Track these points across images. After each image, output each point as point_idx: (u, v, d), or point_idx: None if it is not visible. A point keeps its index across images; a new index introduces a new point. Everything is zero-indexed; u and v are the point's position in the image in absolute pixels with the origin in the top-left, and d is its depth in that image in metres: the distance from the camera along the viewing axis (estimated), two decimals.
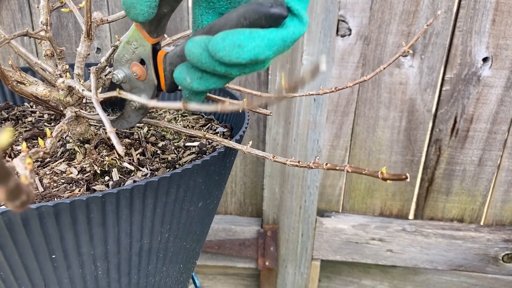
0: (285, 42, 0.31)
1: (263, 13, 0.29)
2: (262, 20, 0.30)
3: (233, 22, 0.31)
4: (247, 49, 0.30)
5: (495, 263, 1.04)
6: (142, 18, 0.34)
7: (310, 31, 0.86)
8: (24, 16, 0.91)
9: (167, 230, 0.41)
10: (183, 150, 0.50)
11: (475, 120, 0.93)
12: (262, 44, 0.30)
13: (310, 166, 0.37)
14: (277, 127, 0.95)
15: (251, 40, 0.30)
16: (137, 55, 0.39)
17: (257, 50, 0.30)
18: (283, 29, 0.31)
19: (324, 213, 1.06)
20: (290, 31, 0.31)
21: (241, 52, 0.30)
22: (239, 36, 0.30)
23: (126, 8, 0.34)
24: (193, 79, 0.34)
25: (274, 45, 0.31)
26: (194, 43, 0.32)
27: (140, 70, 0.39)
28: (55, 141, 0.35)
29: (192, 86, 0.35)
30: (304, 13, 0.32)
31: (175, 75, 0.35)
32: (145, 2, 0.33)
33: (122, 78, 0.40)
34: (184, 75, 0.35)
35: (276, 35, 0.31)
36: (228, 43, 0.30)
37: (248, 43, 0.30)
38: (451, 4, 0.84)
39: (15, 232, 0.32)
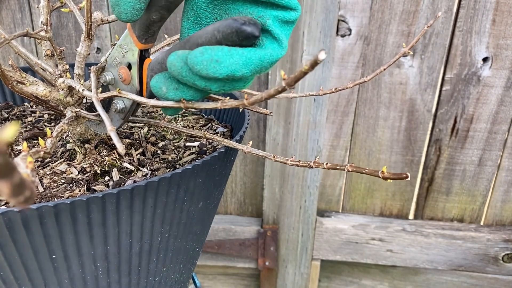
0: (262, 62, 0.32)
1: (235, 28, 0.30)
2: (233, 35, 0.30)
3: (208, 35, 0.32)
4: (224, 65, 0.31)
5: (495, 263, 1.04)
6: (124, 17, 0.35)
7: (310, 31, 0.86)
8: (24, 16, 0.91)
9: (167, 230, 0.41)
10: (183, 150, 0.50)
11: (475, 120, 0.93)
12: (239, 62, 0.31)
13: (310, 165, 0.37)
14: (277, 127, 0.95)
15: (229, 56, 0.31)
16: (126, 59, 0.39)
17: (234, 67, 0.31)
18: (262, 50, 0.32)
19: (324, 213, 1.06)
20: (268, 52, 0.32)
21: (218, 67, 0.31)
22: (217, 52, 0.31)
23: (112, 5, 0.35)
24: (169, 89, 0.35)
25: (251, 63, 0.32)
26: (176, 56, 0.33)
27: (125, 73, 0.39)
28: (55, 141, 0.35)
29: (168, 96, 0.35)
30: (284, 39, 0.33)
31: (151, 83, 0.35)
32: (129, 2, 0.34)
33: (110, 80, 0.41)
34: (161, 84, 0.35)
35: (254, 55, 0.32)
36: (206, 58, 0.31)
37: (225, 59, 0.31)
38: (451, 4, 0.84)
39: (15, 232, 0.32)
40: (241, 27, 0.30)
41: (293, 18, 0.34)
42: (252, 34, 0.30)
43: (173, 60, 0.33)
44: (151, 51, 0.51)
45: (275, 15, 0.33)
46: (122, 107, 0.41)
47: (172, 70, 0.33)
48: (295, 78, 0.23)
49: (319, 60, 0.21)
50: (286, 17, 0.34)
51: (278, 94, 0.26)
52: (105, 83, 0.42)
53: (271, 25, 0.33)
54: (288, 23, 0.35)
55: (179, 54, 0.33)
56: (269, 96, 0.27)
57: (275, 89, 0.26)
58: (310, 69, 0.22)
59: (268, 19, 0.33)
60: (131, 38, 0.38)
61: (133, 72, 0.39)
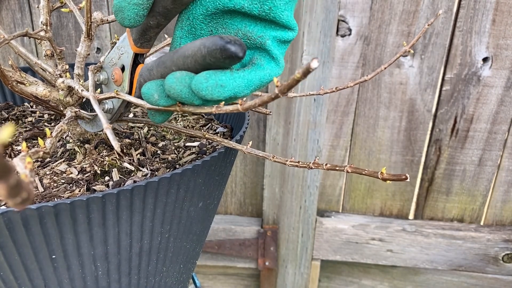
0: (261, 82, 0.34)
1: (219, 45, 0.31)
2: (217, 53, 0.31)
3: (194, 48, 0.32)
4: (228, 88, 0.32)
5: (495, 263, 1.04)
6: (128, 23, 0.35)
7: (310, 31, 0.86)
8: (24, 16, 0.91)
9: (167, 230, 0.41)
10: (183, 150, 0.50)
11: (475, 120, 0.93)
12: (242, 84, 0.33)
13: (310, 166, 0.37)
14: (277, 127, 0.95)
15: (232, 80, 0.32)
16: (121, 61, 0.40)
17: (237, 90, 0.33)
18: (261, 70, 0.34)
19: (324, 213, 1.06)
20: (267, 72, 0.34)
21: (222, 91, 0.32)
22: (221, 77, 0.32)
23: (115, 10, 0.35)
24: (161, 96, 0.35)
25: (252, 85, 0.33)
26: (175, 79, 0.33)
27: (118, 75, 0.40)
28: (55, 141, 0.35)
29: (159, 103, 0.35)
30: (281, 58, 0.35)
31: (143, 90, 0.36)
32: (133, 9, 0.34)
33: (103, 80, 0.42)
34: (153, 91, 0.35)
35: (255, 76, 0.34)
36: (211, 83, 0.32)
37: (229, 83, 0.32)
38: (451, 4, 0.84)
39: (15, 232, 0.32)
40: (226, 45, 0.30)
41: (291, 38, 0.35)
42: (235, 54, 0.31)
43: (172, 84, 0.33)
44: (151, 50, 0.51)
45: (274, 36, 0.34)
46: (110, 107, 0.42)
47: (172, 93, 0.34)
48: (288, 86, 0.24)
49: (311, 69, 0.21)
50: (284, 37, 0.35)
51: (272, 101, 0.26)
52: (98, 82, 0.42)
53: (270, 46, 0.34)
54: (285, 43, 0.36)
55: (177, 76, 0.33)
56: (262, 103, 0.27)
57: (268, 96, 0.27)
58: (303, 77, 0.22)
59: (268, 39, 0.34)
60: (128, 40, 0.39)
61: (125, 74, 0.40)
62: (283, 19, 0.34)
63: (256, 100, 0.28)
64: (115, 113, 0.42)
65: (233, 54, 0.31)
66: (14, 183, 0.15)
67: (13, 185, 0.15)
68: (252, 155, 0.40)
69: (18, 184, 0.15)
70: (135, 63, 0.39)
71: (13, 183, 0.15)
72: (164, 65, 0.35)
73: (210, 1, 0.35)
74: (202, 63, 0.32)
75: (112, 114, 0.42)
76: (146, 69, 0.38)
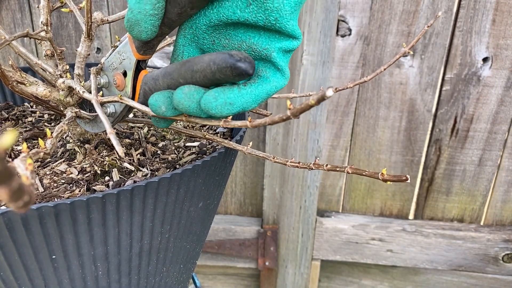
0: (268, 95, 0.34)
1: (230, 64, 0.31)
2: (228, 70, 0.31)
3: (203, 64, 0.33)
4: (237, 105, 0.33)
5: (495, 263, 1.04)
6: (145, 35, 0.35)
7: (310, 31, 0.86)
8: (24, 16, 0.91)
9: (167, 231, 0.41)
10: (183, 150, 0.50)
11: (475, 120, 0.93)
12: (250, 100, 0.33)
13: (310, 167, 0.37)
14: (277, 127, 0.95)
15: (240, 97, 0.33)
16: (122, 66, 0.40)
17: (245, 105, 0.33)
18: (267, 84, 0.34)
19: (324, 213, 1.06)
20: (273, 85, 0.34)
21: (231, 108, 0.33)
22: (229, 95, 0.33)
23: (130, 25, 0.35)
24: (168, 108, 0.36)
25: (259, 99, 0.34)
26: (184, 95, 0.34)
27: (120, 80, 0.40)
28: (55, 142, 0.35)
29: (166, 114, 0.36)
30: (286, 69, 0.35)
31: (150, 101, 0.36)
32: (150, 20, 0.34)
33: (104, 83, 0.42)
34: (160, 103, 0.36)
35: (262, 90, 0.34)
36: (220, 102, 0.32)
37: (238, 100, 0.33)
38: (451, 4, 0.84)
39: (15, 232, 0.32)
40: (236, 64, 0.31)
41: (295, 47, 0.35)
42: (246, 71, 0.31)
43: (180, 99, 0.34)
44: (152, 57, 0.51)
45: (280, 47, 0.34)
46: (112, 111, 0.42)
47: (180, 107, 0.34)
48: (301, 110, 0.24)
49: (326, 97, 0.22)
50: (290, 47, 0.35)
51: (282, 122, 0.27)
52: (99, 85, 0.42)
53: (276, 58, 0.34)
54: (290, 52, 0.36)
55: (186, 92, 0.34)
56: (273, 122, 0.28)
57: (279, 117, 0.27)
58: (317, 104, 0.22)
59: (273, 51, 0.34)
60: (130, 47, 0.39)
61: (128, 80, 0.40)
62: (288, 29, 0.33)
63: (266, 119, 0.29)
64: (117, 117, 0.42)
65: (244, 72, 0.31)
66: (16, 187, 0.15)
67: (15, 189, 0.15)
68: (252, 155, 0.40)
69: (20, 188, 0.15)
70: (137, 69, 0.40)
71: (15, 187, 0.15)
72: (171, 77, 0.36)
73: (213, 13, 0.34)
74: (212, 78, 0.33)
75: (114, 117, 0.42)
76: (151, 78, 0.38)
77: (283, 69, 0.35)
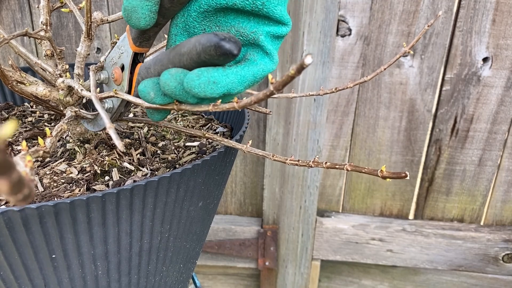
0: (255, 78, 0.33)
1: (214, 42, 0.30)
2: (212, 49, 0.31)
3: (190, 45, 0.32)
4: (221, 85, 0.32)
5: (495, 263, 1.04)
6: (143, 22, 0.35)
7: (310, 31, 0.86)
8: (24, 16, 0.91)
9: (167, 230, 0.41)
10: (183, 150, 0.50)
11: (475, 120, 0.93)
12: (235, 80, 0.32)
13: (309, 164, 0.37)
14: (277, 127, 0.95)
15: (225, 76, 0.32)
16: (121, 60, 0.40)
17: (231, 86, 0.32)
18: (254, 66, 0.33)
19: (324, 213, 1.06)
20: (260, 68, 0.33)
21: (215, 88, 0.32)
22: (213, 73, 0.31)
23: (128, 13, 0.34)
24: (157, 94, 0.35)
25: (246, 80, 0.33)
26: (170, 76, 0.33)
27: (118, 74, 0.40)
28: (55, 141, 0.35)
29: (155, 101, 0.35)
30: (275, 53, 0.34)
31: (139, 88, 0.36)
32: (146, 6, 0.34)
33: (103, 79, 0.42)
34: (149, 89, 0.35)
35: (248, 72, 0.33)
36: (203, 80, 0.31)
37: (222, 80, 0.32)
38: (451, 4, 0.84)
39: (15, 232, 0.32)
40: (220, 43, 0.30)
41: (284, 33, 0.35)
42: (230, 51, 0.31)
43: (166, 80, 0.33)
44: (151, 50, 0.51)
45: (268, 31, 0.34)
46: (109, 106, 0.42)
47: (166, 89, 0.33)
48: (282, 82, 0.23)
49: (305, 65, 0.21)
50: (278, 32, 0.34)
51: (267, 98, 0.26)
52: (99, 81, 0.42)
53: (264, 41, 0.34)
54: (279, 38, 0.35)
55: (172, 73, 0.33)
56: (258, 100, 0.27)
57: (263, 93, 0.27)
58: (297, 74, 0.22)
59: (261, 35, 0.34)
60: (127, 40, 0.39)
61: (124, 74, 0.40)
62: (276, 14, 0.33)
63: (252, 98, 0.28)
64: (114, 112, 0.42)
65: (228, 51, 0.30)
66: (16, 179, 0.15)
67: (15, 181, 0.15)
68: (252, 154, 0.40)
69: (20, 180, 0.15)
70: (134, 62, 0.40)
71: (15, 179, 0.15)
72: (161, 63, 0.35)
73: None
74: (197, 60, 0.32)
75: (111, 113, 0.42)
76: (144, 68, 0.38)
77: (271, 53, 0.34)
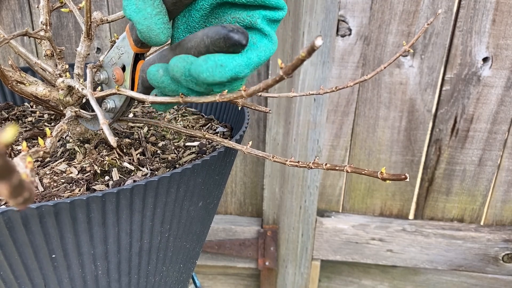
0: (260, 60, 0.34)
1: (223, 34, 0.31)
2: (221, 42, 0.31)
3: (197, 39, 0.33)
4: (229, 68, 0.32)
5: (495, 263, 1.04)
6: (164, 37, 0.35)
7: (310, 31, 0.86)
8: (24, 16, 0.91)
9: (167, 230, 0.41)
10: (183, 150, 0.50)
11: (475, 120, 0.93)
12: (242, 63, 0.32)
13: (310, 166, 0.37)
14: (277, 127, 0.95)
15: (231, 59, 0.32)
16: (121, 60, 0.40)
17: (238, 69, 0.32)
18: (257, 49, 0.34)
19: (324, 213, 1.06)
20: (262, 50, 0.34)
21: (223, 71, 0.32)
22: (220, 57, 0.32)
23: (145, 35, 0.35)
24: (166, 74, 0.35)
25: (252, 63, 0.33)
26: (179, 58, 0.33)
27: (119, 74, 0.40)
28: (55, 141, 0.35)
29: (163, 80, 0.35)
30: (273, 35, 0.35)
31: (149, 70, 0.36)
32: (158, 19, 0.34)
33: (103, 79, 0.42)
34: (158, 68, 0.36)
35: (252, 54, 0.33)
36: (210, 64, 0.32)
37: (229, 63, 0.32)
38: (451, 4, 0.84)
39: (15, 232, 0.32)
40: (229, 34, 0.31)
41: (280, 17, 0.36)
42: (239, 41, 0.31)
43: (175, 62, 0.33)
44: (151, 50, 0.51)
45: (264, 15, 0.35)
46: (112, 106, 0.42)
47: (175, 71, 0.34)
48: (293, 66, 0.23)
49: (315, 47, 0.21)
50: (274, 17, 0.35)
51: (276, 83, 0.26)
52: (99, 82, 0.43)
53: (261, 24, 0.35)
54: (275, 22, 0.36)
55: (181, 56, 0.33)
56: (267, 86, 0.27)
57: (273, 79, 0.26)
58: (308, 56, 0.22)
59: (258, 18, 0.35)
60: (128, 41, 0.39)
61: (126, 74, 0.40)
62: (272, 2, 0.34)
63: (260, 84, 0.28)
64: (117, 112, 0.42)
65: (237, 42, 0.31)
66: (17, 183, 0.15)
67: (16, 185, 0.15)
68: (252, 155, 0.40)
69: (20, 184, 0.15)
70: (135, 62, 0.40)
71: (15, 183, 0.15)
72: (166, 58, 0.36)
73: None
74: (206, 53, 0.32)
75: (114, 113, 0.42)
76: (147, 64, 0.38)
77: (270, 35, 0.35)
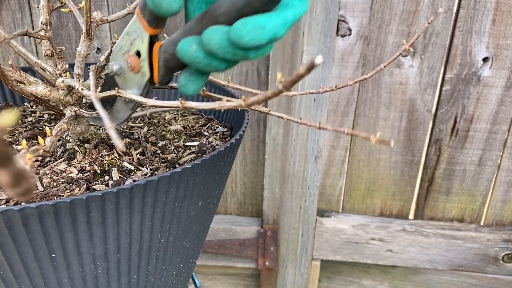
0: (294, 18, 0.33)
1: None
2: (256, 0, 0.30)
3: (228, 4, 0.31)
4: (268, 28, 0.31)
5: (495, 263, 1.04)
6: (176, 6, 0.34)
7: (310, 31, 0.86)
8: (24, 16, 0.91)
9: (167, 229, 0.41)
10: (183, 149, 0.50)
11: (475, 120, 0.93)
12: (278, 23, 0.32)
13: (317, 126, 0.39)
14: (277, 127, 0.95)
15: (270, 20, 0.31)
16: (134, 46, 0.38)
17: (276, 29, 0.32)
18: (290, 8, 0.33)
19: (324, 213, 1.06)
20: (296, 9, 0.33)
21: (263, 33, 0.31)
22: (257, 19, 0.31)
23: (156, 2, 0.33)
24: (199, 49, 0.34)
25: (287, 22, 0.32)
26: (213, 29, 0.32)
27: (134, 61, 0.38)
28: (55, 140, 0.35)
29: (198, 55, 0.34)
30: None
31: (179, 45, 0.34)
32: None
33: (116, 70, 0.40)
34: (191, 42, 0.34)
35: (288, 13, 0.33)
36: (250, 27, 0.31)
37: (268, 23, 0.31)
38: (451, 4, 0.84)
39: (15, 231, 0.32)
40: None
41: None
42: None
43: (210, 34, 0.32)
44: None
45: None
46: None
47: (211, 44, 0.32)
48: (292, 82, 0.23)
49: (315, 65, 0.21)
50: None
51: (275, 96, 0.26)
52: (111, 74, 0.40)
53: None
54: None
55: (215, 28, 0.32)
56: (266, 98, 0.27)
57: (272, 92, 0.26)
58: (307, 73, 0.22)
59: None
60: (140, 24, 0.37)
61: (143, 59, 0.38)
62: None
63: (259, 96, 0.28)
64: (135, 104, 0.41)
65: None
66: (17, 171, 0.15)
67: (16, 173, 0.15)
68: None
69: (20, 173, 0.15)
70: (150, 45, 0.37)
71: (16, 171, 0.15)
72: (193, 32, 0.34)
73: None
74: (239, 16, 0.31)
75: (133, 103, 0.40)
76: (170, 43, 0.36)
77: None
